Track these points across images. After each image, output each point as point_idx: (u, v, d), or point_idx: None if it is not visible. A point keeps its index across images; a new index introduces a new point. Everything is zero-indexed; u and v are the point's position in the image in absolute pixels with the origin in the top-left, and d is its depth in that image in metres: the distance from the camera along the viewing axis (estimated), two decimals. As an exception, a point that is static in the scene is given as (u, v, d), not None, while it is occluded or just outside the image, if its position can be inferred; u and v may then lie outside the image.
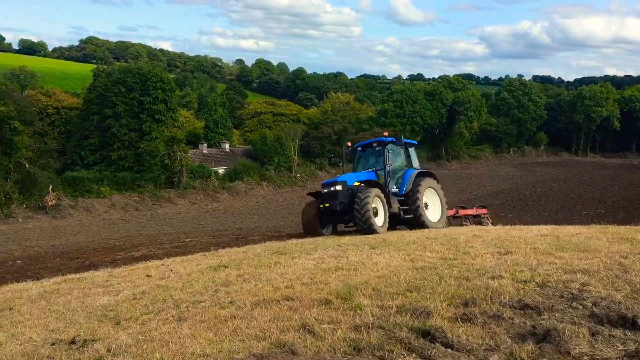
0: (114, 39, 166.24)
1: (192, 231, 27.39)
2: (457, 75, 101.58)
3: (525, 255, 7.97)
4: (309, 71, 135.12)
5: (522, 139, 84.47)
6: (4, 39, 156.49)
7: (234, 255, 12.24)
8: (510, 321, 5.06)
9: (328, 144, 57.98)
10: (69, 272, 12.43)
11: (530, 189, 48.41)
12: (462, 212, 20.95)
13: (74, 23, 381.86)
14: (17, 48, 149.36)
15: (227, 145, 63.01)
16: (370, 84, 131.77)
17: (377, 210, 15.50)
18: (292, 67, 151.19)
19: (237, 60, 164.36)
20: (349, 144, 19.53)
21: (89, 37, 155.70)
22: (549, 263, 7.22)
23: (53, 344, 5.57)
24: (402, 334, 4.73)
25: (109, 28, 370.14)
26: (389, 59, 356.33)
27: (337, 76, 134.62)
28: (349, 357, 4.46)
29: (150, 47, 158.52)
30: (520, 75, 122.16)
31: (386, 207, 15.79)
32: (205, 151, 60.53)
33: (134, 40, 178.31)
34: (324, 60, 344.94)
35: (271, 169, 52.39)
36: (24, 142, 34.93)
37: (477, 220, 21.10)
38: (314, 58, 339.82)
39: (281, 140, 54.71)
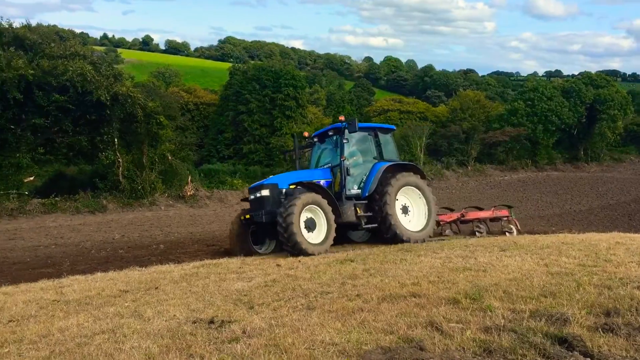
0: (249, 39, 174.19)
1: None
2: (600, 71, 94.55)
3: (677, 266, 7.31)
4: (438, 68, 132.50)
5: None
6: (152, 40, 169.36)
7: (359, 249, 12.43)
8: (659, 336, 4.68)
9: (456, 143, 56.59)
10: (206, 257, 13.23)
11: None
12: (471, 215, 17.05)
13: (214, 24, 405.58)
14: (164, 48, 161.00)
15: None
16: (502, 81, 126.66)
17: (313, 222, 12.34)
18: (420, 64, 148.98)
19: (365, 57, 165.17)
20: (306, 134, 15.98)
21: (227, 37, 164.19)
22: None
23: (194, 322, 5.99)
24: (537, 339, 4.55)
25: (246, 28, 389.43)
26: (524, 55, 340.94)
27: (468, 73, 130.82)
28: (479, 358, 4.37)
29: (282, 45, 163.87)
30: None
31: (330, 217, 12.40)
32: (332, 147, 61.50)
33: (268, 40, 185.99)
34: (454, 57, 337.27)
35: (397, 166, 52.09)
36: (168, 135, 37.60)
37: (496, 224, 17.35)
38: (444, 55, 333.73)
39: (407, 138, 54.23)
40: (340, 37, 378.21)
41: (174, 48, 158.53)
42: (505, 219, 17.13)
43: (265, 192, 12.94)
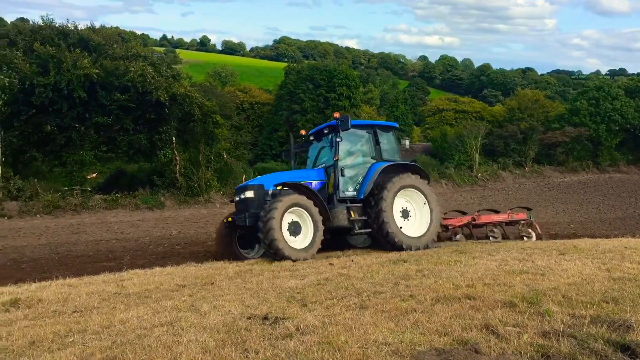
0: (304, 39, 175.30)
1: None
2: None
3: None
4: (495, 67, 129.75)
5: None
6: (209, 40, 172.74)
7: (412, 250, 12.33)
8: None
9: (513, 143, 55.29)
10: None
11: None
12: (484, 218, 16.03)
13: (270, 24, 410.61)
14: (220, 48, 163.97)
15: (407, 142, 62.38)
16: (563, 80, 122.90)
17: (298, 226, 11.68)
18: (477, 63, 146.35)
19: (420, 56, 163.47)
20: (303, 132, 15.21)
21: (282, 37, 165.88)
22: None
23: (248, 318, 6.09)
24: (597, 346, 4.41)
25: (301, 28, 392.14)
26: (586, 53, 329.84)
27: (526, 72, 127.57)
28: (537, 363, 4.28)
29: (337, 45, 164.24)
30: None
31: (317, 221, 11.70)
32: (385, 147, 61.20)
33: (323, 39, 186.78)
34: (512, 56, 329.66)
35: (451, 167, 51.36)
36: (224, 134, 38.30)
37: (513, 229, 16.31)
38: (501, 53, 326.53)
39: (462, 138, 53.38)
40: (394, 36, 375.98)
41: (230, 48, 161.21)
42: (523, 222, 16.09)
43: (249, 194, 12.18)
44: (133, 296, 8.11)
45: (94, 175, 33.18)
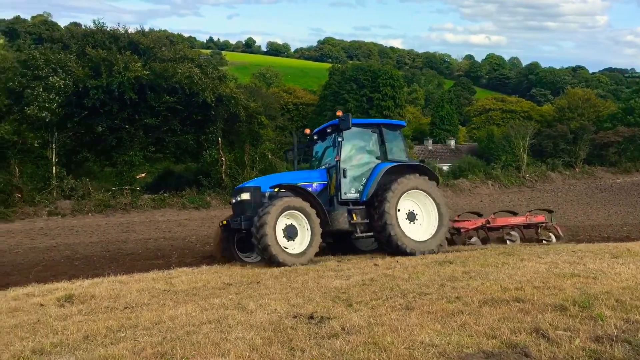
0: (348, 39, 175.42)
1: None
2: None
3: None
4: (544, 65, 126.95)
5: None
6: (254, 42, 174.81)
7: (458, 251, 12.19)
8: None
9: (563, 143, 53.93)
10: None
11: None
12: (500, 221, 15.23)
13: (314, 25, 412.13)
14: (265, 50, 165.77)
15: (452, 142, 62.42)
16: (615, 78, 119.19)
17: (294, 230, 11.23)
18: (525, 62, 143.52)
19: (466, 55, 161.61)
20: (308, 131, 14.27)
21: (326, 37, 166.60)
22: None
23: (294, 317, 6.14)
24: (654, 352, 4.27)
25: (345, 28, 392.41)
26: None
27: (576, 70, 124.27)
28: (589, 368, 4.18)
29: (381, 45, 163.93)
30: None
31: (315, 224, 11.24)
32: (430, 147, 60.71)
33: (367, 39, 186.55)
34: (562, 54, 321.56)
35: (497, 167, 50.45)
36: (268, 135, 38.75)
37: (533, 232, 15.40)
38: (550, 51, 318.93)
39: (510, 138, 52.38)
40: (440, 35, 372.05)
41: (274, 49, 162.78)
42: (543, 225, 15.28)
43: (245, 196, 11.70)
44: (181, 293, 8.28)
45: (143, 175, 34.01)
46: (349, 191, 12.22)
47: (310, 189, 12.02)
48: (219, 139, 32.98)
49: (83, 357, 5.09)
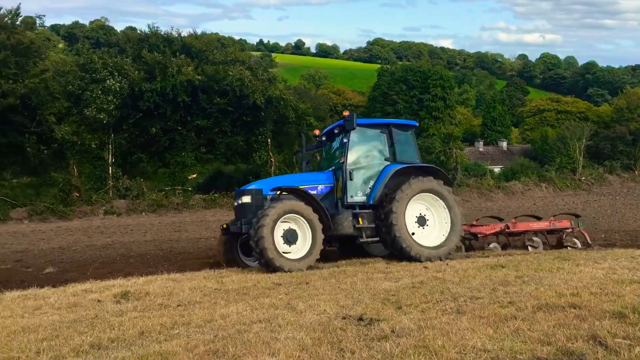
0: (398, 40, 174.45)
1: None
2: None
3: None
4: (602, 65, 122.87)
5: None
6: (304, 44, 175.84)
7: (511, 255, 11.94)
8: None
9: (621, 145, 52.06)
10: (354, 256, 13.24)
11: None
12: (521, 226, 14.57)
13: (363, 26, 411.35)
14: (314, 52, 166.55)
15: (504, 144, 61.16)
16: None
17: (294, 234, 10.89)
18: (581, 61, 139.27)
19: (519, 55, 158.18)
20: (317, 132, 13.96)
21: (376, 38, 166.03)
22: None
23: (344, 318, 6.14)
24: None
25: (394, 29, 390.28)
26: None
27: (636, 69, 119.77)
28: (650, 378, 4.02)
29: (431, 45, 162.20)
30: None
31: (316, 228, 10.85)
32: (481, 149, 59.65)
33: (417, 40, 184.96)
34: (621, 52, 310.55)
35: (552, 169, 49.14)
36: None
37: (557, 238, 14.58)
38: (608, 50, 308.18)
39: (565, 139, 50.95)
40: (492, 34, 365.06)
41: (324, 51, 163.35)
42: (570, 230, 14.51)
43: (246, 199, 11.52)
44: (232, 292, 8.41)
45: (194, 175, 34.69)
46: (356, 194, 11.82)
47: (315, 192, 11.72)
48: (269, 140, 33.32)
49: (138, 353, 5.23)
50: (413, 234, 11.54)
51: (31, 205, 26.73)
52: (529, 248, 13.91)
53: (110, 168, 30.52)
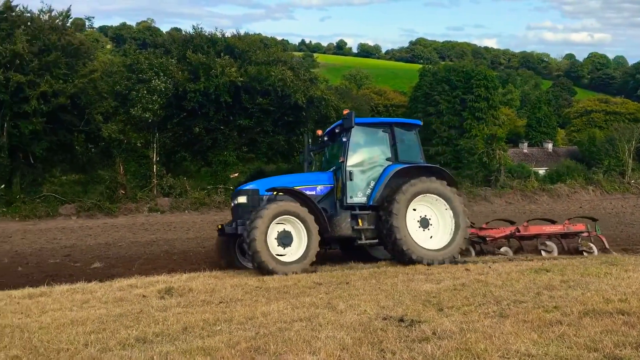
0: (440, 39, 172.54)
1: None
2: None
3: None
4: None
5: None
6: (345, 44, 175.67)
7: (555, 259, 11.69)
8: None
9: (673, 147, 50.24)
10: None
11: None
12: (533, 229, 13.98)
13: (406, 26, 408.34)
14: (356, 52, 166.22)
15: (549, 145, 59.79)
16: None
17: (289, 236, 10.64)
18: (631, 61, 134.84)
19: (566, 55, 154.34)
20: (319, 132, 13.64)
21: (418, 38, 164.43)
22: None
23: (384, 318, 6.13)
24: None
25: (437, 29, 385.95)
26: None
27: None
28: None
29: (475, 45, 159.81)
30: None
31: (312, 230, 10.58)
32: (525, 150, 58.51)
33: (460, 40, 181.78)
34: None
35: (599, 172, 47.85)
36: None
37: (571, 243, 13.92)
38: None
39: (614, 141, 49.52)
40: (538, 34, 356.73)
41: (365, 51, 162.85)
42: (586, 234, 13.86)
43: (242, 199, 11.29)
44: (273, 291, 8.49)
45: (236, 174, 35.07)
46: (355, 195, 11.50)
47: (314, 193, 11.54)
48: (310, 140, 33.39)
49: (182, 348, 5.34)
50: (417, 237, 11.18)
51: (79, 202, 27.52)
52: (542, 253, 13.38)
53: (154, 166, 31.17)
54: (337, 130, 12.22)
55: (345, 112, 11.57)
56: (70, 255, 16.24)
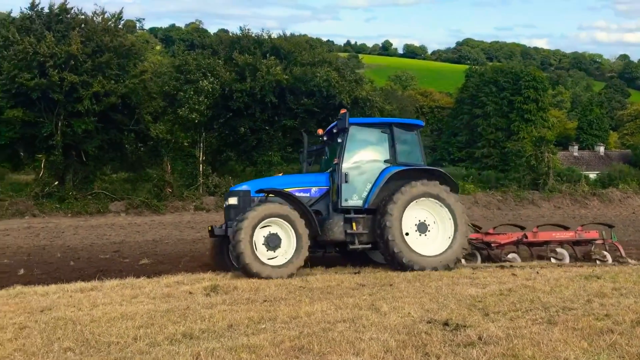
0: (488, 40, 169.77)
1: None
2: None
3: None
4: None
5: None
6: (391, 45, 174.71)
7: (607, 266, 11.37)
8: None
9: None
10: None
11: None
12: (542, 235, 13.33)
13: (453, 27, 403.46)
14: (402, 52, 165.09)
15: (601, 148, 58.08)
16: None
17: (277, 239, 10.24)
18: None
19: (620, 55, 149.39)
20: (320, 131, 13.03)
21: (465, 39, 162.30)
22: None
23: (428, 322, 6.09)
24: None
25: (485, 29, 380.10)
26: None
27: None
28: None
29: (524, 45, 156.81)
30: None
31: (301, 233, 10.15)
32: (575, 153, 56.99)
33: (509, 40, 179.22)
34: None
35: (654, 177, 46.21)
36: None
37: (583, 250, 13.27)
38: None
39: (669, 145, 47.79)
40: (590, 33, 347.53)
41: (411, 52, 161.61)
42: (600, 242, 13.23)
43: (233, 200, 11.02)
44: (317, 291, 8.52)
45: (280, 174, 35.29)
46: (351, 197, 11.02)
47: (307, 195, 11.18)
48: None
49: (228, 345, 5.42)
50: (407, 233, 10.78)
51: (128, 200, 28.19)
52: (552, 260, 12.87)
53: (200, 166, 31.66)
54: (334, 130, 11.76)
55: (343, 111, 11.32)
56: (119, 251, 16.67)
